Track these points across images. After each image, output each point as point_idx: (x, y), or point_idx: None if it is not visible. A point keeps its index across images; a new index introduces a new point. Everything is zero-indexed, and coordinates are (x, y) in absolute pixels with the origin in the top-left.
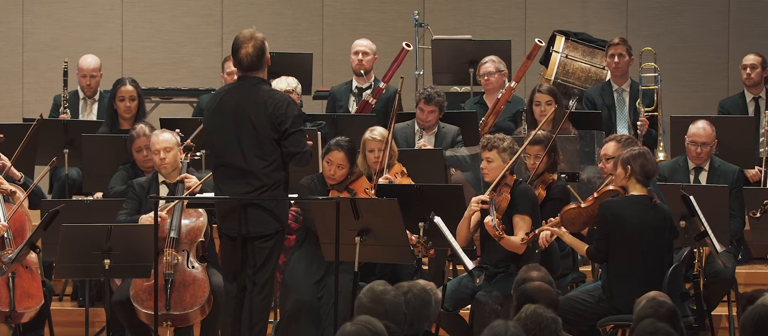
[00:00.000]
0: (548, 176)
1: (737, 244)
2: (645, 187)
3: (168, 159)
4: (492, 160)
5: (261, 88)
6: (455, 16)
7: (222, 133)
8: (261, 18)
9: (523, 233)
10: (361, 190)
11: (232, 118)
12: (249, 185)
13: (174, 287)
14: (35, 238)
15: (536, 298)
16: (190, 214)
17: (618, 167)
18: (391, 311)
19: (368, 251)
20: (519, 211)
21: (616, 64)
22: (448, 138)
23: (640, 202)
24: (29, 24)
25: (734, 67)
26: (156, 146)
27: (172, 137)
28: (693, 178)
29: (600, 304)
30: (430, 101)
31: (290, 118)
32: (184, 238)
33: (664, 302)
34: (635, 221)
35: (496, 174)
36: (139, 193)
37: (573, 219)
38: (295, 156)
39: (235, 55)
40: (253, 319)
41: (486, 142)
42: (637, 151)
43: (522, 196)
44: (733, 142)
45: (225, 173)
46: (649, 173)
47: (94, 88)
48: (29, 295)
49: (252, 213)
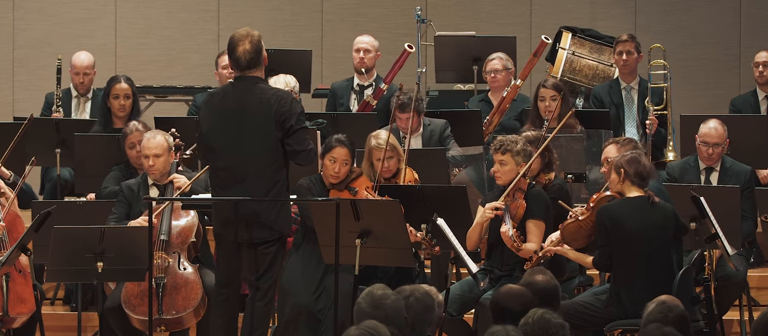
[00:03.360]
0: (543, 177)
1: (749, 247)
2: (642, 188)
3: (157, 165)
4: (505, 163)
5: (261, 87)
6: (459, 11)
7: (222, 134)
8: (258, 14)
9: (535, 242)
10: (362, 189)
11: (233, 118)
12: (250, 187)
13: (166, 291)
14: (26, 241)
15: (509, 305)
16: (180, 216)
17: (612, 173)
18: (391, 316)
19: (369, 254)
20: (533, 216)
21: (625, 61)
22: (435, 135)
23: (639, 203)
24: (20, 20)
25: (746, 65)
26: (147, 151)
27: (164, 142)
28: (704, 178)
29: (608, 309)
30: (405, 109)
31: (294, 114)
32: (175, 240)
33: (674, 307)
34: (635, 223)
35: (509, 178)
36: (129, 196)
37: (574, 233)
38: (300, 154)
39: (231, 55)
40: (254, 323)
41: (499, 145)
42: (629, 155)
43: (535, 200)
44: (744, 141)
45: (225, 176)
46: (644, 175)
47: (87, 86)
48: (22, 299)
49: (255, 217)
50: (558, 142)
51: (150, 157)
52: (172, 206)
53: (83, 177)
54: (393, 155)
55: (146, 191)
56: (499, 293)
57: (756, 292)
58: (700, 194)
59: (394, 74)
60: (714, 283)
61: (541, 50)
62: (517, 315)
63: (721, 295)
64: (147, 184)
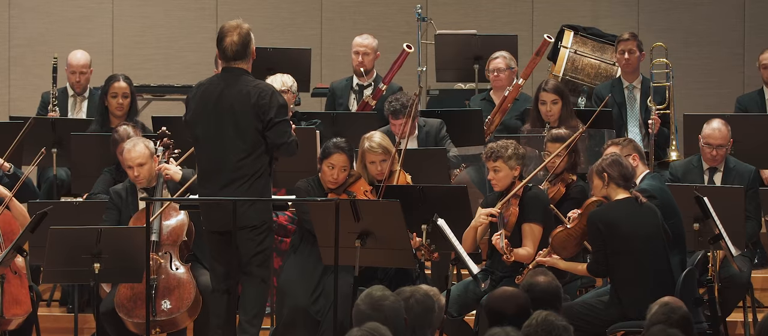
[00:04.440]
0: (567, 176)
1: (753, 248)
2: (627, 189)
3: (142, 174)
4: (499, 170)
5: (244, 79)
6: (459, 9)
7: (205, 125)
8: (257, 11)
9: (530, 246)
10: (360, 192)
11: (215, 110)
12: (230, 177)
13: (158, 292)
14: (22, 241)
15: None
16: (170, 215)
17: (594, 178)
18: (390, 317)
19: (369, 255)
20: (528, 219)
21: (627, 60)
22: (431, 135)
23: (628, 204)
24: (16, 18)
25: (750, 63)
26: (129, 161)
27: (145, 149)
28: (707, 178)
29: (609, 310)
30: (397, 116)
31: (274, 107)
32: (166, 240)
33: (678, 308)
34: (628, 224)
35: (506, 183)
36: (117, 202)
37: (563, 242)
38: (281, 146)
39: (219, 45)
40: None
41: (490, 153)
42: (609, 158)
43: (532, 203)
44: (749, 141)
45: (206, 166)
46: (627, 176)
47: (84, 85)
48: (18, 301)
49: (237, 207)
50: None
51: (134, 168)
52: (161, 206)
53: (80, 177)
54: (386, 158)
55: (135, 196)
56: (492, 296)
57: (760, 293)
58: (704, 194)
59: (393, 75)
60: (717, 285)
61: (543, 49)
62: (512, 317)
63: (724, 296)
64: (135, 189)
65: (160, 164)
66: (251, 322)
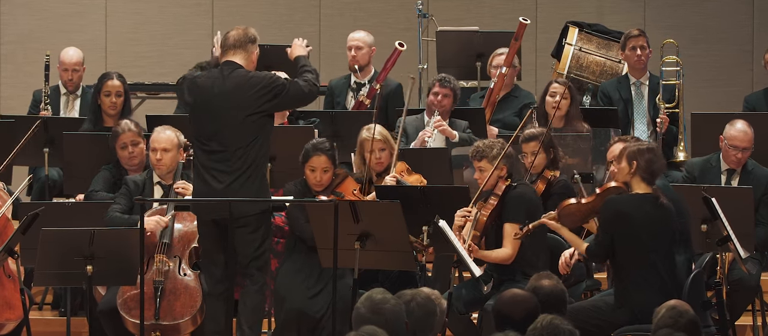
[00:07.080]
0: (548, 173)
1: (762, 250)
2: (650, 185)
3: (165, 160)
4: (484, 170)
5: (240, 71)
6: (461, 6)
7: (200, 119)
8: (254, 8)
9: (510, 246)
10: (348, 193)
11: (210, 102)
12: (227, 167)
13: (164, 296)
14: (13, 243)
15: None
16: (183, 219)
17: (622, 160)
18: (391, 321)
19: (369, 257)
20: (508, 219)
21: (638, 57)
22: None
23: (648, 201)
24: (7, 14)
25: (759, 61)
26: (155, 144)
27: (174, 137)
28: (725, 179)
29: (615, 313)
30: (446, 84)
31: (279, 79)
32: (176, 244)
33: (685, 312)
34: (644, 222)
35: (491, 183)
36: (133, 191)
37: (571, 213)
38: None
39: (224, 37)
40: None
41: (475, 152)
42: (645, 145)
43: (514, 202)
44: (757, 140)
45: (203, 157)
46: (655, 171)
47: (77, 83)
48: (10, 306)
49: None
50: (565, 141)
51: (158, 151)
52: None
53: (72, 177)
54: (385, 148)
55: (151, 188)
56: (501, 299)
57: None
58: (712, 195)
59: (386, 73)
60: (726, 288)
61: (520, 32)
62: (521, 322)
63: (733, 299)
64: (152, 182)
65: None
66: (252, 328)
